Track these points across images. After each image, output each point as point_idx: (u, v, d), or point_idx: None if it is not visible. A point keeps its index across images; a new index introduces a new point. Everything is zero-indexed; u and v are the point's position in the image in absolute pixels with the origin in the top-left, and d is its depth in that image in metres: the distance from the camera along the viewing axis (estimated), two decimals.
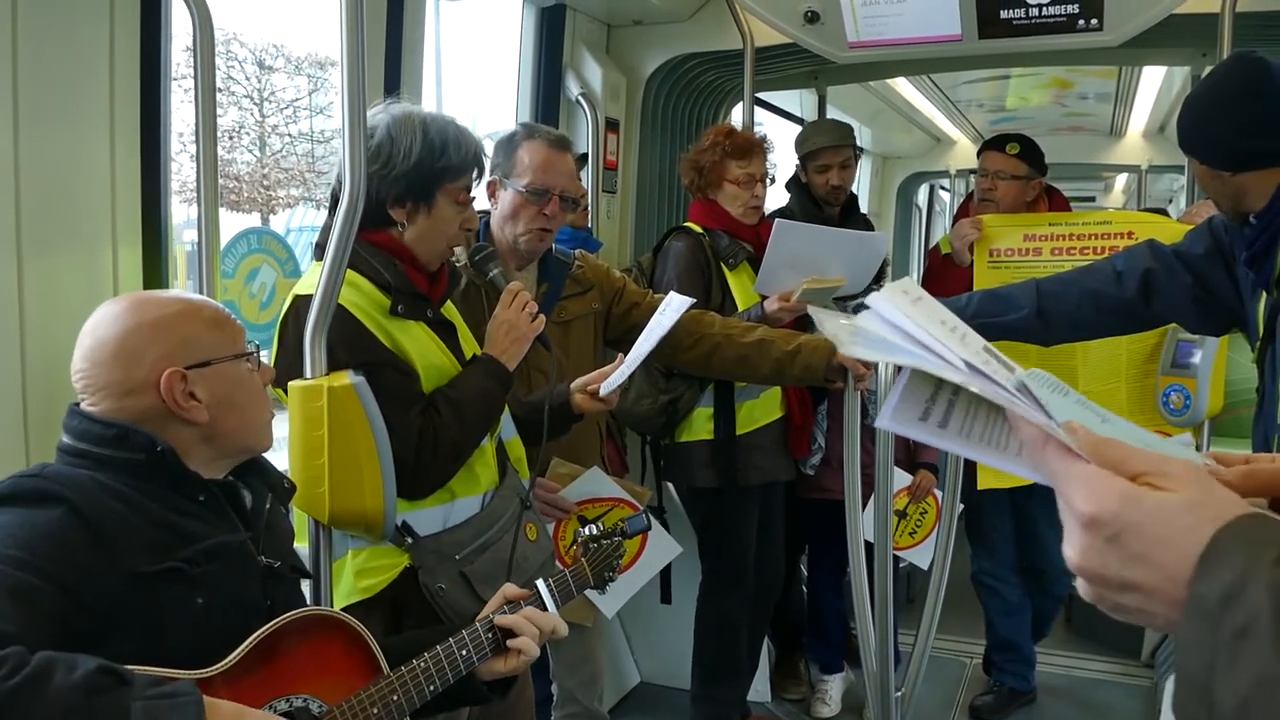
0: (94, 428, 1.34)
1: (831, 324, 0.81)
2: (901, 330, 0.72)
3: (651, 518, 2.68)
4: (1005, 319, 2.33)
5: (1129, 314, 2.30)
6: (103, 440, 1.33)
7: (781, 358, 2.55)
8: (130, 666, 1.16)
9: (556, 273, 2.52)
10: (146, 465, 1.34)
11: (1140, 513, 0.63)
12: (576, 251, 2.64)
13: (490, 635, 1.57)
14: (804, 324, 3.03)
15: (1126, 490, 0.64)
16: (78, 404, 1.38)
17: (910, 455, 3.37)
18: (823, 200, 3.45)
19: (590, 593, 1.86)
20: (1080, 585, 0.68)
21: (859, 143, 3.55)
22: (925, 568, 3.40)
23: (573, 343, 2.53)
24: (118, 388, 1.35)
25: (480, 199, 2.14)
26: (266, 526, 1.50)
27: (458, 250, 2.18)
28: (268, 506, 1.52)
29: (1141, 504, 0.63)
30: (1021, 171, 3.28)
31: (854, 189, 3.57)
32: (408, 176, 1.84)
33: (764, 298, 2.91)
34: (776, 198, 3.54)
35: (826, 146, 3.40)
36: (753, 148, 2.99)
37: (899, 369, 0.73)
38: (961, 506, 3.05)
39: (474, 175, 1.93)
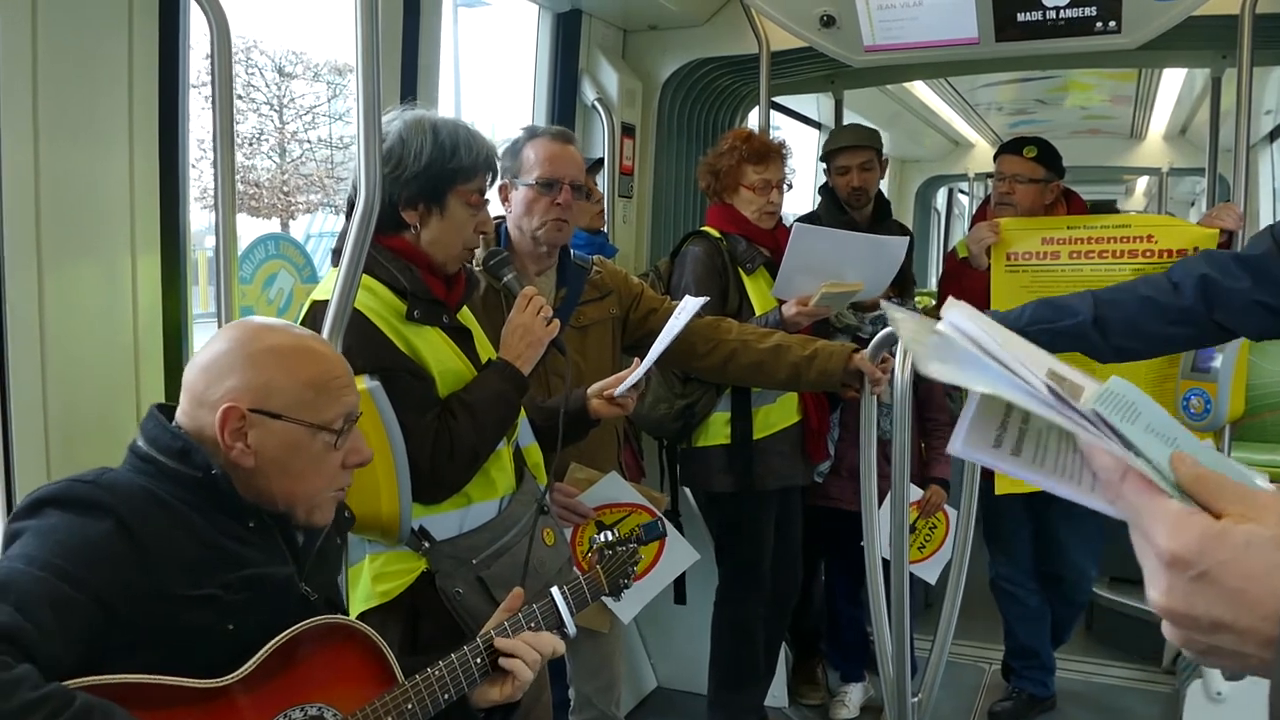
0: (164, 436, 1.35)
1: (909, 328, 0.76)
2: (977, 342, 0.68)
3: (668, 523, 2.67)
4: (1061, 324, 2.29)
5: (1191, 322, 2.21)
6: (169, 451, 1.34)
7: (798, 363, 2.53)
8: (151, 676, 1.17)
9: (575, 278, 2.52)
10: (202, 485, 1.34)
11: (1228, 550, 0.59)
12: (594, 257, 2.64)
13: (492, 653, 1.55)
14: (822, 329, 3.03)
15: (1210, 526, 0.60)
16: (161, 404, 1.41)
17: (922, 469, 3.33)
18: (846, 203, 3.45)
19: (606, 599, 1.86)
20: (1166, 628, 0.64)
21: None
22: (933, 583, 3.38)
23: (591, 348, 2.53)
24: (195, 395, 1.38)
25: (495, 205, 2.14)
26: (318, 554, 1.50)
27: (476, 253, 2.19)
28: (323, 535, 1.51)
29: (1228, 540, 0.60)
30: (1039, 175, 3.26)
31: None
32: (419, 179, 1.84)
33: (782, 302, 2.90)
34: (795, 203, 3.54)
35: (844, 147, 3.44)
36: (770, 153, 2.98)
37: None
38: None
39: (486, 178, 1.93)
